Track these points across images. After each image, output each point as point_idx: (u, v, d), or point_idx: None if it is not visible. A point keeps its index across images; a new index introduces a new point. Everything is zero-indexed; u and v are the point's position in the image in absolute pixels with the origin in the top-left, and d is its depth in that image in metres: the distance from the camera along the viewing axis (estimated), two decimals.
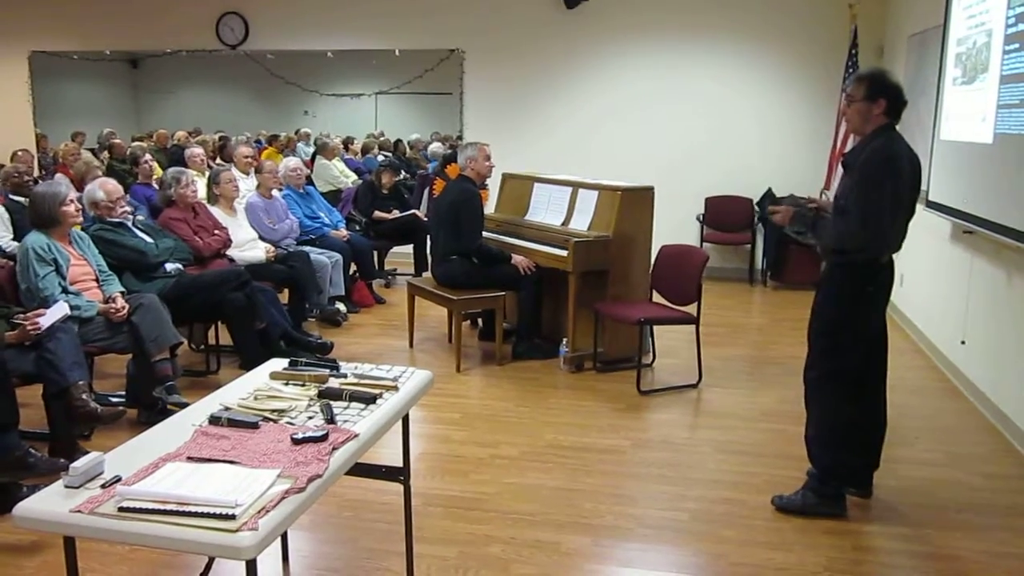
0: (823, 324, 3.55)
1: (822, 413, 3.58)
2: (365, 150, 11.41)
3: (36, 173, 8.71)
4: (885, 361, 3.62)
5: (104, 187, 4.97)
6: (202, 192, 6.20)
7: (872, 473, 3.70)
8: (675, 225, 8.02)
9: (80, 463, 2.00)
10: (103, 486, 1.97)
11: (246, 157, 7.69)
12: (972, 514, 3.62)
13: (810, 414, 3.64)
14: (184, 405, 3.80)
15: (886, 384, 3.66)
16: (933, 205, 5.66)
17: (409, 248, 8.22)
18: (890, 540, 3.41)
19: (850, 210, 3.31)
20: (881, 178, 3.27)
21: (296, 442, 2.22)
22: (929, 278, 6.21)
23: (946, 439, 4.50)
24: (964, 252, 5.42)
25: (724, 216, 8.73)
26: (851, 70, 7.56)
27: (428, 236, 6.63)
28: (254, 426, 2.34)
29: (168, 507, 1.86)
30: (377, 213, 7.98)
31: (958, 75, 5.40)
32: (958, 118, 5.37)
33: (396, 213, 8.04)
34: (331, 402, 2.54)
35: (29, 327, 3.85)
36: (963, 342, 5.26)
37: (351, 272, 7.23)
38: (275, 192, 6.75)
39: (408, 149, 11.70)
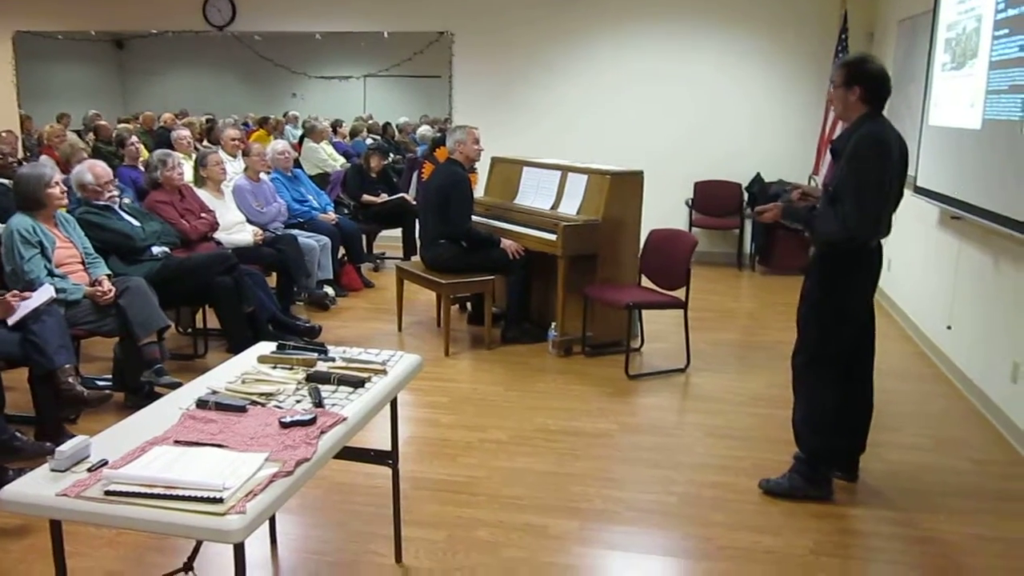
0: (811, 309, 3.55)
1: (809, 397, 3.59)
2: (353, 133, 11.36)
3: (21, 155, 8.63)
4: (873, 345, 3.63)
5: (93, 170, 4.93)
6: (189, 175, 6.15)
7: (858, 457, 3.73)
8: (664, 210, 8.01)
9: (66, 447, 1.99)
10: (89, 470, 1.96)
11: (233, 140, 7.64)
12: (958, 498, 3.65)
13: (797, 398, 3.65)
14: (176, 385, 3.80)
15: (873, 368, 3.67)
16: (921, 191, 5.68)
17: (398, 232, 8.21)
18: (877, 524, 3.43)
19: (842, 200, 3.30)
20: (869, 166, 3.26)
21: (284, 426, 2.21)
22: (916, 263, 6.23)
23: (932, 424, 4.53)
24: (952, 238, 5.43)
25: (713, 201, 8.73)
26: (841, 55, 7.56)
27: (417, 220, 6.61)
28: (242, 410, 2.33)
29: (155, 491, 1.86)
30: (365, 197, 7.94)
31: (947, 61, 5.40)
32: (947, 104, 5.37)
33: (384, 197, 8.01)
34: (319, 386, 2.53)
35: (11, 298, 3.82)
36: (949, 327, 5.29)
37: (339, 256, 7.20)
38: (263, 175, 6.71)
39: (397, 132, 11.65)
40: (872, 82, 3.36)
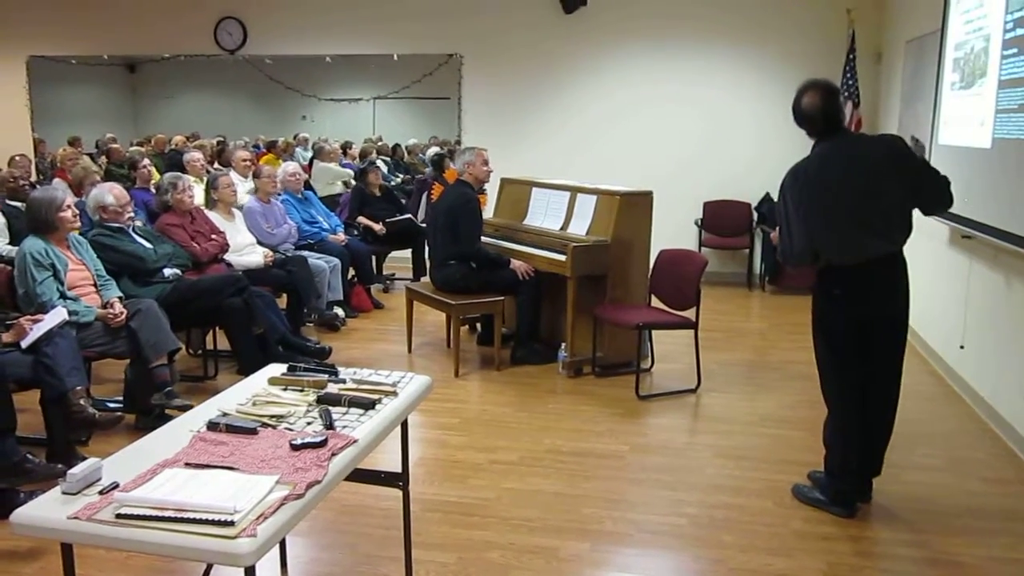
0: (812, 327, 3.67)
1: (828, 412, 3.68)
2: (363, 155, 11.41)
3: (34, 178, 8.70)
4: (889, 365, 3.58)
5: (113, 192, 4.99)
6: (200, 197, 6.19)
7: (871, 479, 3.70)
8: (673, 230, 8.01)
9: (78, 469, 1.99)
10: (101, 492, 1.96)
11: (244, 161, 7.69)
12: (973, 519, 3.62)
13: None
14: (187, 407, 3.80)
15: (887, 392, 3.62)
16: None
17: (407, 253, 8.21)
18: (891, 545, 3.40)
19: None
20: (783, 197, 3.51)
21: (295, 448, 2.21)
22: (928, 283, 6.19)
23: (946, 444, 4.49)
24: (963, 257, 5.41)
25: (722, 221, 8.73)
26: (849, 75, 7.56)
27: (426, 241, 6.62)
28: (252, 432, 2.33)
29: (166, 513, 1.85)
30: (361, 218, 7.85)
31: (956, 80, 5.40)
32: (956, 123, 5.37)
33: (380, 227, 7.78)
34: (330, 407, 2.53)
35: (24, 321, 3.85)
36: (962, 347, 5.25)
37: (349, 277, 7.22)
38: (273, 197, 6.74)
39: (406, 154, 11.70)
40: (805, 125, 3.59)
